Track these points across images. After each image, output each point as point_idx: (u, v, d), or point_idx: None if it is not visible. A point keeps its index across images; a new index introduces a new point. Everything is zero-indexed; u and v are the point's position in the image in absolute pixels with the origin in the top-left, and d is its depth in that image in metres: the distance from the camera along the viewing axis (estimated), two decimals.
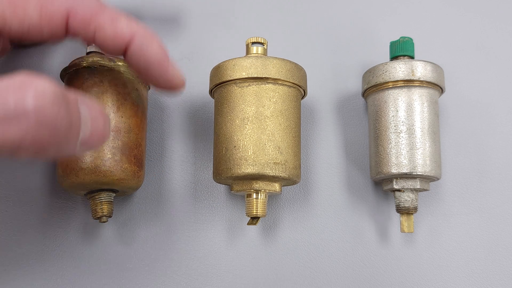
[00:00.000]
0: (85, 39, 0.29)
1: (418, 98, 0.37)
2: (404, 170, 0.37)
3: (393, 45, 0.40)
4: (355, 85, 0.43)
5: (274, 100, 0.35)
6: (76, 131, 0.24)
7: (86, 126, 0.25)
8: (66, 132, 0.23)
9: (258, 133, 0.35)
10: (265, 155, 0.34)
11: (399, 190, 0.38)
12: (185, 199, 0.40)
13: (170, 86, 0.32)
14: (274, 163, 0.34)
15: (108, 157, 0.34)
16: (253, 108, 0.35)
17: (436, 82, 0.38)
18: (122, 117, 0.35)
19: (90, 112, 0.25)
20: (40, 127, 0.22)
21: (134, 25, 0.30)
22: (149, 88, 0.39)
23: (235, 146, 0.35)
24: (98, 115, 0.25)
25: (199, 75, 0.42)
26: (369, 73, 0.39)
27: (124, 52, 0.30)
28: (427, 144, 0.37)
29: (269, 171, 0.34)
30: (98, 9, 0.29)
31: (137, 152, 0.35)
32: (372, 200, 0.41)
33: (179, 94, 0.32)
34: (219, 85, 0.36)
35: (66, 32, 0.28)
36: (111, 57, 0.35)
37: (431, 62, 0.38)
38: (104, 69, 0.35)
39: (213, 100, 0.40)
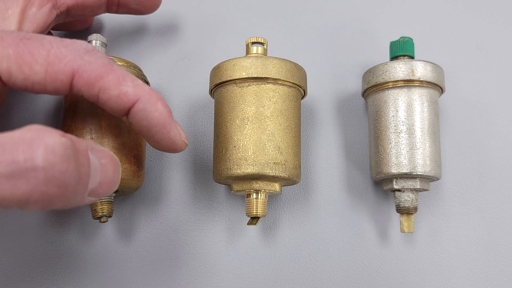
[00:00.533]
0: (88, 97, 0.29)
1: (418, 98, 0.37)
2: (404, 170, 0.37)
3: (393, 45, 0.40)
4: (355, 85, 0.43)
5: (274, 100, 0.35)
6: (85, 183, 0.24)
7: (95, 176, 0.25)
8: (74, 185, 0.23)
9: (258, 133, 0.35)
10: (265, 155, 0.34)
11: (399, 190, 0.38)
12: (185, 199, 0.40)
13: (171, 148, 0.32)
14: (274, 163, 0.34)
15: None
16: (253, 108, 0.35)
17: (436, 82, 0.38)
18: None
19: (100, 160, 0.25)
20: (48, 183, 0.22)
21: (139, 88, 0.29)
22: None
23: (235, 146, 0.35)
24: (108, 162, 0.26)
25: (199, 75, 0.42)
26: (369, 73, 0.39)
27: (127, 113, 0.30)
28: (427, 144, 0.37)
29: (269, 171, 0.34)
30: (104, 71, 0.28)
31: (137, 152, 0.35)
32: (372, 200, 0.41)
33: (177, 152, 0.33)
34: (219, 85, 0.36)
35: (70, 89, 0.28)
36: (111, 57, 0.35)
37: (431, 62, 0.38)
38: None
39: (213, 100, 0.40)
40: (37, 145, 0.22)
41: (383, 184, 0.39)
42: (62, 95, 0.30)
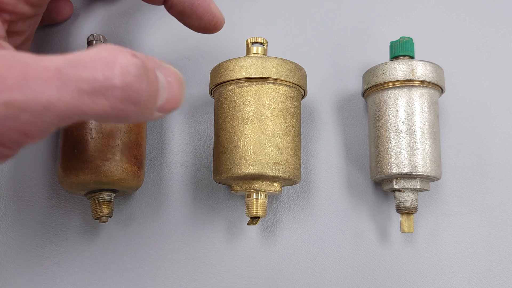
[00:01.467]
0: None
1: (418, 98, 0.37)
2: (404, 170, 0.37)
3: (393, 45, 0.40)
4: (355, 85, 0.43)
5: (274, 100, 0.35)
6: (155, 99, 0.25)
7: (163, 93, 0.26)
8: (146, 102, 0.24)
9: (258, 133, 0.35)
10: (265, 155, 0.34)
11: (399, 190, 0.38)
12: (185, 199, 0.40)
13: (213, 22, 0.33)
14: (274, 163, 0.34)
15: (108, 157, 0.34)
16: (253, 108, 0.35)
17: (436, 82, 0.38)
18: None
19: (166, 78, 0.26)
20: (125, 101, 0.23)
21: None
22: None
23: (235, 146, 0.35)
24: (173, 80, 0.26)
25: (199, 75, 0.42)
26: (369, 73, 0.39)
27: None
28: (427, 144, 0.37)
29: (269, 171, 0.34)
30: None
31: (137, 152, 0.35)
32: (372, 200, 0.41)
33: (217, 31, 0.34)
34: (219, 85, 0.36)
35: None
36: None
37: (431, 62, 0.38)
38: None
39: (213, 100, 0.40)
40: (113, 65, 0.23)
41: (383, 184, 0.39)
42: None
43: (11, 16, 0.28)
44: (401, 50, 0.39)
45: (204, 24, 0.33)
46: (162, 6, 0.35)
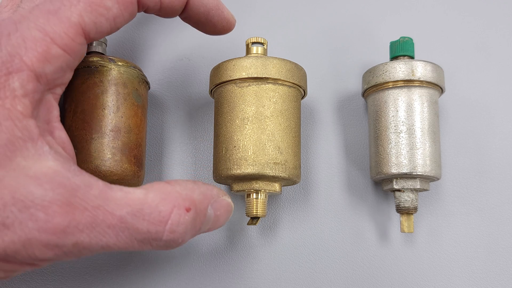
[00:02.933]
0: (153, 6, 0.31)
1: (418, 98, 0.37)
2: (404, 170, 0.37)
3: (393, 45, 0.40)
4: (355, 85, 0.43)
5: (274, 100, 0.35)
6: (195, 234, 0.28)
7: (206, 226, 0.29)
8: (187, 240, 0.28)
9: (258, 133, 0.35)
10: (265, 155, 0.34)
11: (399, 190, 0.38)
12: None
13: (226, 27, 0.35)
14: (274, 163, 0.34)
15: (108, 157, 0.34)
16: (253, 108, 0.35)
17: (436, 82, 0.38)
18: (122, 117, 0.35)
19: (215, 212, 0.29)
20: (165, 247, 0.27)
21: None
22: (149, 88, 0.39)
23: (235, 146, 0.35)
24: (222, 213, 0.30)
25: (199, 75, 0.42)
26: (369, 73, 0.39)
27: (185, 6, 0.33)
28: (427, 144, 0.37)
29: (269, 171, 0.34)
30: None
31: (137, 152, 0.35)
32: (372, 200, 0.41)
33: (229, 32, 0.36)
34: (219, 85, 0.36)
35: (138, 6, 0.30)
36: (111, 57, 0.36)
37: (431, 62, 0.38)
38: (104, 69, 0.35)
39: (213, 100, 0.40)
40: (166, 223, 0.26)
41: (383, 184, 0.39)
42: (133, 18, 0.31)
43: (62, 88, 0.29)
44: (401, 50, 0.39)
45: (218, 30, 0.35)
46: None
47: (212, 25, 0.34)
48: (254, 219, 0.36)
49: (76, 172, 0.26)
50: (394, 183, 0.38)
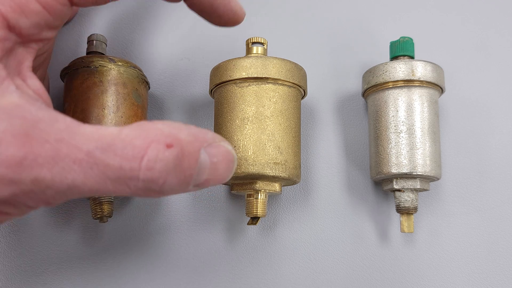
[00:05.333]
0: None
1: (418, 98, 0.37)
2: (404, 170, 0.37)
3: (393, 45, 0.40)
4: (355, 85, 0.43)
5: (274, 100, 0.35)
6: (187, 183, 0.25)
7: (201, 174, 0.25)
8: (173, 188, 0.24)
9: (258, 133, 0.35)
10: (265, 155, 0.34)
11: (399, 190, 0.38)
12: (185, 199, 0.40)
13: (234, 18, 0.32)
14: (274, 163, 0.34)
15: None
16: (253, 108, 0.35)
17: (436, 82, 0.38)
18: (122, 117, 0.35)
19: (211, 159, 0.25)
20: (147, 190, 0.24)
21: None
22: (149, 88, 0.39)
23: (235, 146, 0.35)
24: (220, 160, 0.26)
25: (199, 75, 0.42)
26: (369, 73, 0.39)
27: None
28: (427, 144, 0.37)
29: (269, 171, 0.34)
30: None
31: None
32: (372, 200, 0.41)
33: (237, 25, 0.33)
34: (219, 85, 0.36)
35: None
36: (111, 57, 0.36)
37: (431, 62, 0.38)
38: (104, 69, 0.35)
39: (213, 100, 0.40)
40: (142, 158, 0.23)
41: (383, 184, 0.39)
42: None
43: (38, 44, 0.28)
44: (401, 50, 0.39)
45: (225, 21, 0.33)
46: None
47: (217, 15, 0.32)
48: (254, 219, 0.36)
49: (41, 107, 0.24)
50: (394, 183, 0.38)
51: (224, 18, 0.32)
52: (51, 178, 0.23)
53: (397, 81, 0.37)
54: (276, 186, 0.36)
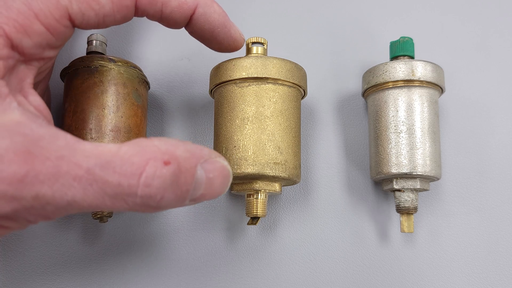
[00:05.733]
0: (153, 15, 0.31)
1: (418, 98, 0.37)
2: (404, 170, 0.37)
3: (393, 45, 0.40)
4: (355, 85, 0.43)
5: (274, 100, 0.35)
6: (183, 198, 0.25)
7: (198, 189, 0.26)
8: (170, 203, 0.25)
9: (258, 133, 0.35)
10: (265, 155, 0.34)
11: (399, 190, 0.38)
12: None
13: (233, 46, 0.34)
14: (274, 163, 0.34)
15: None
16: (253, 108, 0.35)
17: (436, 82, 0.38)
18: (122, 117, 0.35)
19: (207, 175, 0.26)
20: (144, 206, 0.24)
21: None
22: (149, 88, 0.39)
23: (235, 146, 0.35)
24: (216, 176, 0.26)
25: (199, 75, 0.42)
26: (369, 73, 0.39)
27: (188, 21, 0.32)
28: (427, 144, 0.37)
29: (269, 171, 0.34)
30: None
31: None
32: (372, 200, 0.41)
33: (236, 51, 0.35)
34: (219, 85, 0.36)
35: (135, 12, 0.30)
36: (111, 57, 0.36)
37: (431, 62, 0.38)
38: (104, 69, 0.35)
39: (213, 100, 0.40)
40: (140, 175, 0.24)
41: (383, 184, 0.39)
42: (128, 21, 0.31)
43: (39, 62, 0.29)
44: (401, 50, 0.39)
45: (225, 48, 0.34)
46: None
47: (217, 42, 0.33)
48: (254, 219, 0.36)
49: (42, 124, 0.25)
50: (394, 183, 0.38)
51: (224, 45, 0.34)
52: (51, 195, 0.23)
53: (397, 81, 0.37)
54: (276, 186, 0.36)
